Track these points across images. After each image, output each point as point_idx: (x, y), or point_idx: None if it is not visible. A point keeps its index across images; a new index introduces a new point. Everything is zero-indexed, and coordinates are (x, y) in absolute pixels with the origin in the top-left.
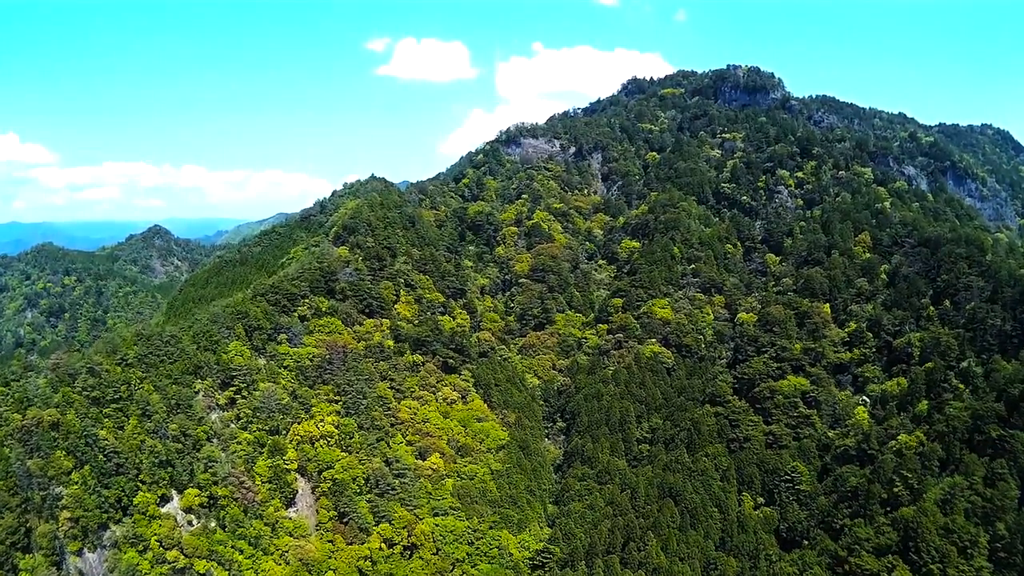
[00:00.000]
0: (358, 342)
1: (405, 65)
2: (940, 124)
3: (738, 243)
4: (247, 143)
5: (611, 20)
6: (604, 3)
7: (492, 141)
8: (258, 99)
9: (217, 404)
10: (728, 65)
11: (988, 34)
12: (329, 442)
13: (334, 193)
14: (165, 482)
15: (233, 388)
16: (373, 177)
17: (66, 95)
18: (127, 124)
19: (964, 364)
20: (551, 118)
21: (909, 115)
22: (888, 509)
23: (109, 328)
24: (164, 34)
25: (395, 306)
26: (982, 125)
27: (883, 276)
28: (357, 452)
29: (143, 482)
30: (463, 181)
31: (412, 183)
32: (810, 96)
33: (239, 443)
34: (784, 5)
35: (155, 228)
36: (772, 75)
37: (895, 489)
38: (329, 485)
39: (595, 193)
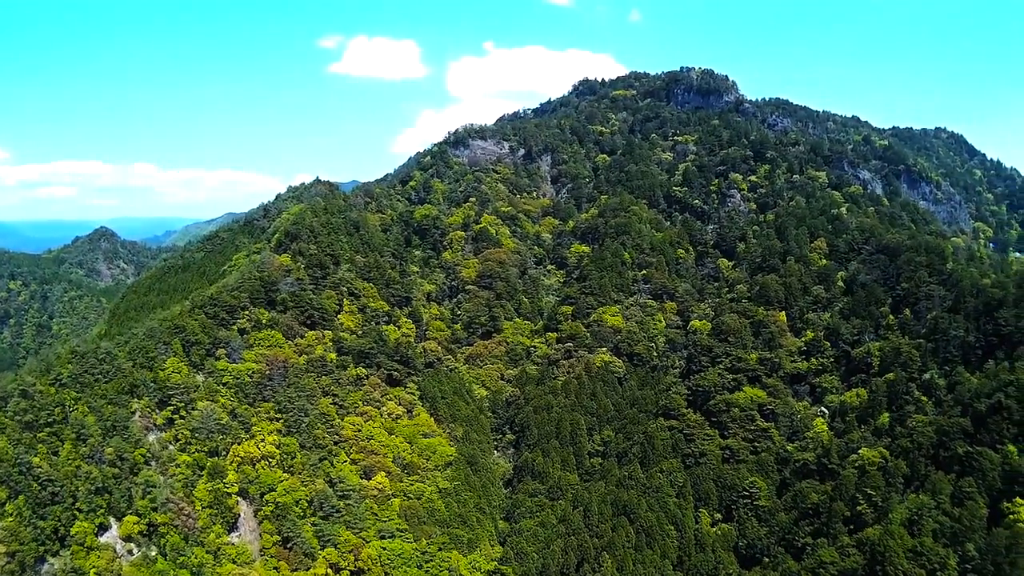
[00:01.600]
0: (299, 356)
1: (357, 63)
2: (894, 127)
3: (690, 248)
4: (199, 141)
5: (564, 20)
6: (557, 3)
7: (440, 143)
8: (211, 97)
9: (154, 424)
10: (681, 67)
11: (941, 39)
12: (271, 463)
13: (278, 197)
14: (103, 510)
15: (171, 407)
16: (318, 180)
17: (15, 92)
18: (79, 122)
19: (927, 376)
20: (500, 119)
21: (863, 118)
22: (852, 528)
23: (55, 334)
24: (112, 31)
25: (338, 316)
26: (936, 129)
27: (840, 283)
28: (300, 473)
29: (80, 510)
30: (410, 183)
31: (362, 183)
32: (764, 99)
33: (178, 466)
34: (740, 5)
35: (101, 230)
36: (726, 78)
37: (859, 507)
38: (272, 508)
39: (544, 196)
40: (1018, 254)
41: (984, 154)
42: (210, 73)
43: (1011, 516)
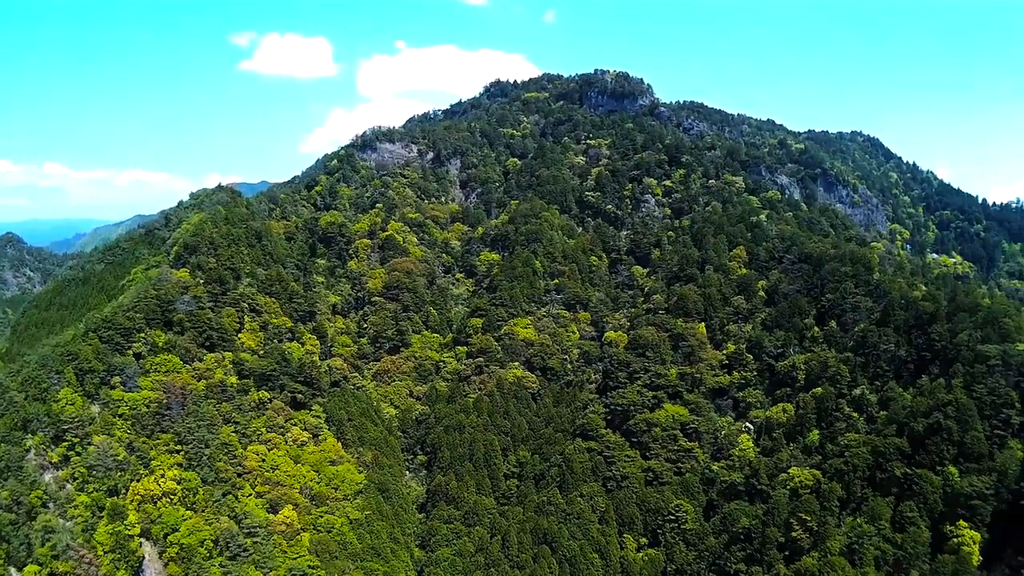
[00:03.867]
0: (198, 381)
1: (268, 61)
2: (810, 131)
3: (603, 255)
4: (110, 140)
5: (478, 20)
6: (471, 2)
7: (347, 145)
8: (121, 94)
9: (50, 463)
10: (596, 69)
11: (856, 42)
12: (172, 500)
13: (180, 204)
14: (2, 561)
15: (66, 443)
16: (220, 187)
17: None
18: None
19: (857, 392)
20: (410, 120)
21: (778, 122)
22: (787, 554)
23: None
24: (18, 22)
25: (238, 336)
26: (852, 132)
27: (761, 294)
28: (203, 510)
29: None
30: (316, 188)
31: (272, 184)
32: (679, 102)
33: (76, 507)
34: (657, 8)
35: (7, 236)
36: (641, 81)
37: (793, 532)
38: (176, 550)
39: (453, 201)
40: (935, 255)
41: (900, 157)
42: (122, 68)
43: (955, 540)
